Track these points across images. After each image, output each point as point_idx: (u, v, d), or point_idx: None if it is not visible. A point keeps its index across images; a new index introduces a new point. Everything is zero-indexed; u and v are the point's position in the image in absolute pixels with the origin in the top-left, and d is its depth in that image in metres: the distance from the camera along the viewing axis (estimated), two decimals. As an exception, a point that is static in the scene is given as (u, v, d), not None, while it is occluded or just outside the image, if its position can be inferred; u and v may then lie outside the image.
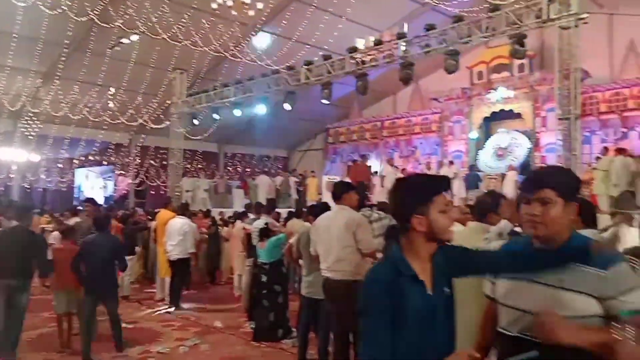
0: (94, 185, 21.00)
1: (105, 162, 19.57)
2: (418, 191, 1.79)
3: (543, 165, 14.69)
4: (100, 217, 6.47)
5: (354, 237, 4.51)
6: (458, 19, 10.24)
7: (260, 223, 7.27)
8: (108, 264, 5.87)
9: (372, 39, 12.40)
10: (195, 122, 16.04)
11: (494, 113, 16.46)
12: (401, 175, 15.36)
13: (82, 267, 5.74)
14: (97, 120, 15.52)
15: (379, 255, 4.53)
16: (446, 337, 1.76)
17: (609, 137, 14.36)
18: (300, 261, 5.74)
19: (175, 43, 13.40)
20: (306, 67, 13.06)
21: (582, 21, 8.73)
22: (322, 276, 4.78)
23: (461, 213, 4.95)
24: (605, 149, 12.75)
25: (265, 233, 6.77)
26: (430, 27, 10.73)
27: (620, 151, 11.79)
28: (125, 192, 20.47)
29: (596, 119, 14.54)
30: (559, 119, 9.26)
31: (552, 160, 13.78)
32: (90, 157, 18.99)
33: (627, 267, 1.77)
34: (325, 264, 4.72)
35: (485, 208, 3.55)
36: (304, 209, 9.08)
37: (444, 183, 1.86)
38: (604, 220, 8.11)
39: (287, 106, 13.20)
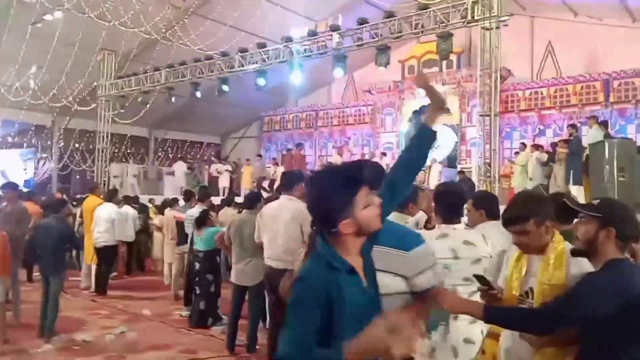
0: (14, 169, 19.82)
1: (25, 145, 18.52)
2: (337, 196, 1.62)
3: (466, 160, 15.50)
4: (54, 201, 6.86)
5: (300, 229, 4.49)
6: (390, 14, 10.57)
7: (194, 211, 7.25)
8: (58, 246, 6.11)
9: (307, 29, 12.54)
10: (124, 105, 15.56)
11: (423, 107, 17.06)
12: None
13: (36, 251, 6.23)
14: (16, 100, 14.65)
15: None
16: None
17: (527, 133, 15.29)
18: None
19: (103, 22, 12.88)
20: (241, 54, 13.00)
21: (503, 23, 9.27)
22: (265, 265, 4.83)
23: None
24: (523, 144, 13.62)
25: (202, 221, 6.76)
26: (363, 21, 11.01)
27: (537, 147, 12.65)
28: (48, 176, 19.49)
29: (517, 116, 15.43)
30: (480, 115, 9.81)
31: (476, 153, 14.49)
32: (10, 139, 17.92)
33: (425, 249, 2.02)
34: (269, 253, 4.76)
35: (406, 199, 3.77)
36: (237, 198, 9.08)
37: (360, 176, 1.67)
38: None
39: (225, 88, 13.16)
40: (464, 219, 3.32)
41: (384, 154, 16.31)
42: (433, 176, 14.27)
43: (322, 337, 1.53)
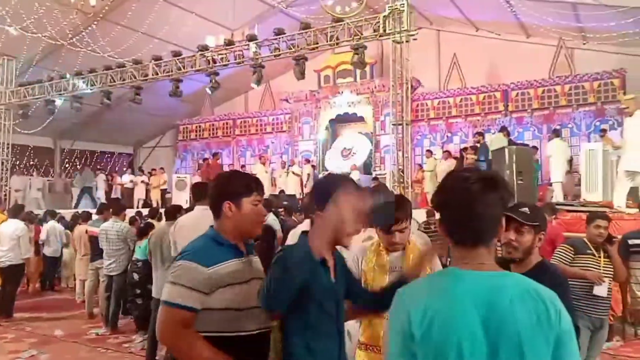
0: None
1: None
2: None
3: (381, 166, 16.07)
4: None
5: None
6: (306, 25, 10.79)
7: (108, 225, 7.08)
8: None
9: (223, 37, 12.49)
10: (27, 114, 14.61)
11: (339, 115, 17.53)
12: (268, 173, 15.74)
13: None
14: None
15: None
16: (338, 329, 1.95)
17: (437, 140, 16.15)
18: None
19: (2, 26, 12.07)
20: (155, 62, 12.68)
21: (412, 37, 9.79)
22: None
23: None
24: (429, 152, 14.40)
25: (144, 231, 6.71)
26: (279, 32, 11.15)
27: (449, 154, 13.44)
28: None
29: (426, 124, 16.25)
30: (393, 124, 10.26)
31: (389, 160, 15.07)
32: None
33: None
34: None
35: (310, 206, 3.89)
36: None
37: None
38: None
39: (139, 99, 12.76)
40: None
41: (308, 161, 16.54)
42: (351, 183, 14.65)
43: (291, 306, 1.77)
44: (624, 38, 11.48)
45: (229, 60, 12.01)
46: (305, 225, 4.92)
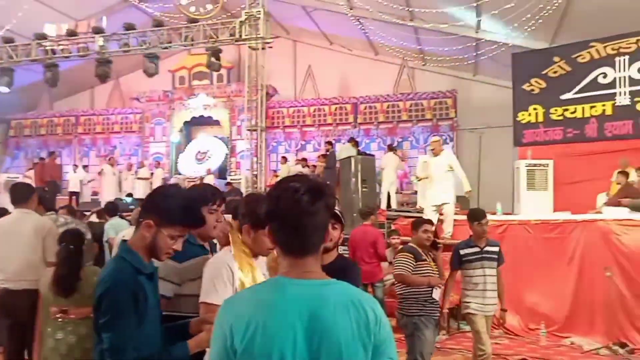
0: None
1: None
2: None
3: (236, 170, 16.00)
4: None
5: (42, 244, 4.12)
6: (159, 23, 10.38)
7: None
8: None
9: (65, 27, 11.48)
10: None
11: (194, 118, 17.08)
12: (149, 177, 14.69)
13: None
14: None
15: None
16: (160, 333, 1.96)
17: (291, 147, 16.52)
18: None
19: None
20: (-20, 47, 11.23)
21: (268, 45, 9.94)
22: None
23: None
24: (284, 158, 14.70)
25: None
26: (129, 27, 10.59)
27: (303, 160, 13.81)
28: None
29: (282, 131, 16.55)
30: (248, 129, 10.30)
31: (245, 165, 15.07)
32: None
33: (196, 261, 2.36)
34: (4, 275, 4.19)
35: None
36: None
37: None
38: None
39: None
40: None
41: (159, 164, 15.83)
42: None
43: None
44: (456, 62, 12.87)
45: (70, 52, 11.07)
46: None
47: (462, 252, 4.64)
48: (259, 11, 9.87)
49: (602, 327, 6.08)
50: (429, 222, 4.72)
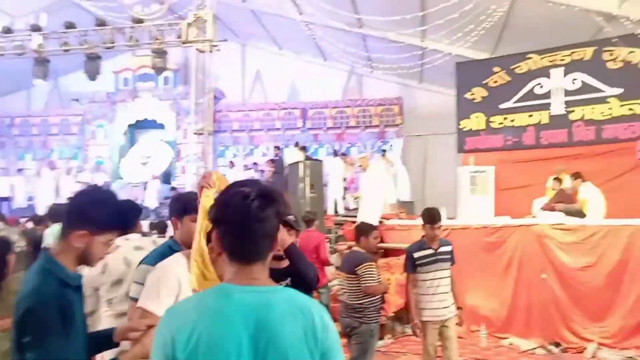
0: None
1: None
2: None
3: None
4: None
5: None
6: (101, 22, 10.04)
7: None
8: None
9: (0, 24, 10.92)
10: None
11: (138, 121, 16.60)
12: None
13: None
14: None
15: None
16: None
17: (239, 152, 16.33)
18: None
19: None
20: None
21: (216, 48, 9.81)
22: None
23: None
24: (231, 163, 14.53)
25: None
26: (70, 25, 10.19)
27: (254, 164, 13.68)
28: None
29: (230, 136, 16.35)
30: (195, 133, 10.12)
31: (191, 170, 14.76)
32: None
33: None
34: None
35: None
36: None
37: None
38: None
39: None
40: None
41: (99, 168, 15.29)
42: (151, 193, 14.01)
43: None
44: (402, 70, 13.14)
45: (6, 50, 10.53)
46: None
47: (415, 255, 4.47)
48: (207, 13, 9.73)
49: (538, 328, 6.34)
50: (376, 228, 4.78)
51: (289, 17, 13.03)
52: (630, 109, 8.95)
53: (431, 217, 4.45)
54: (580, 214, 7.17)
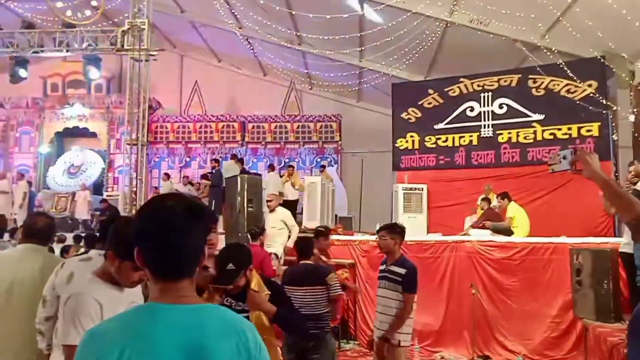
0: None
1: None
2: None
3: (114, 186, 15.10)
4: None
5: None
6: (29, 24, 9.58)
7: None
8: None
9: None
10: None
11: (68, 129, 15.87)
12: None
13: None
14: None
15: None
16: None
17: (175, 164, 15.95)
18: None
19: None
20: None
21: (152, 57, 9.58)
22: None
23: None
24: (166, 175, 14.16)
25: None
26: (-6, 26, 9.62)
27: (186, 177, 13.36)
28: None
29: (165, 147, 15.94)
30: (127, 144, 9.79)
31: (123, 181, 14.25)
32: None
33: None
34: None
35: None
36: None
37: None
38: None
39: None
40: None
41: (22, 176, 14.38)
42: (81, 204, 13.36)
43: None
44: (341, 88, 13.38)
45: None
46: None
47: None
48: (144, 22, 9.49)
49: (468, 341, 6.55)
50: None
51: (229, 30, 12.97)
52: (552, 134, 9.54)
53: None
54: (508, 231, 7.52)
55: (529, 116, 9.81)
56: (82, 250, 3.81)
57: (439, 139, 10.55)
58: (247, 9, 11.20)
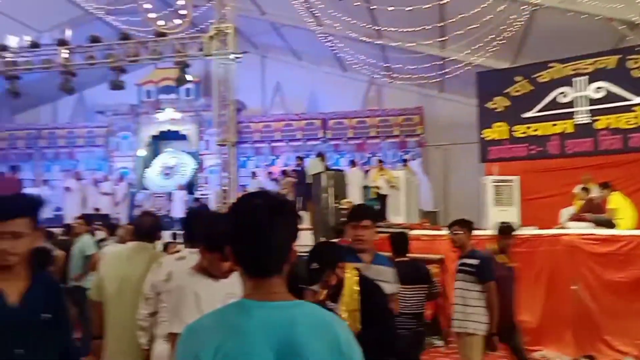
0: None
1: None
2: None
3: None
4: None
5: None
6: (125, 36, 10.23)
7: None
8: None
9: (27, 39, 11.19)
10: None
11: (162, 132, 16.81)
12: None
13: None
14: None
15: None
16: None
17: (261, 163, 16.41)
18: None
19: None
20: None
21: (238, 60, 9.91)
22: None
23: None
24: (254, 173, 14.61)
25: None
26: (94, 39, 10.40)
27: (282, 172, 13.70)
28: None
29: (251, 146, 16.46)
30: (217, 144, 10.21)
31: (214, 180, 14.86)
32: None
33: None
34: None
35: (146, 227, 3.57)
36: None
37: None
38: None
39: None
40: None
41: (122, 179, 15.45)
42: (177, 203, 14.17)
43: None
44: (422, 80, 13.12)
45: (33, 64, 10.78)
46: None
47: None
48: (228, 26, 9.85)
49: (571, 340, 6.22)
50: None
51: (308, 29, 13.12)
52: (658, 117, 8.81)
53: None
54: (609, 224, 7.04)
55: (629, 99, 9.11)
56: (180, 246, 4.02)
57: (529, 127, 10.06)
58: (326, 7, 11.28)
